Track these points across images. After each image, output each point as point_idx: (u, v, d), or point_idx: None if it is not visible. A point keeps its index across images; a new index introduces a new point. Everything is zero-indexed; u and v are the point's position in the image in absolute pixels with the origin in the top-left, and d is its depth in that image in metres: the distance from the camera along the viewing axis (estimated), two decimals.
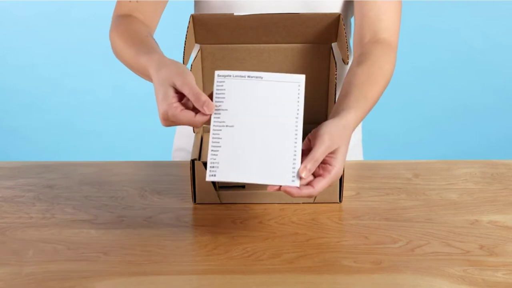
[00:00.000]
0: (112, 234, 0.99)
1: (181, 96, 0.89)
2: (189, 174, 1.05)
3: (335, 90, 1.07)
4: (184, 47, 1.05)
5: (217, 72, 0.92)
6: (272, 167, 0.89)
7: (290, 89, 0.92)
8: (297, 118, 0.91)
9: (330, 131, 0.90)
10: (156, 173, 1.18)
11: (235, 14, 1.08)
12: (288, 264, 0.91)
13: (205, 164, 1.03)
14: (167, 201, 1.08)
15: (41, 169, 1.20)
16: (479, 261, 0.92)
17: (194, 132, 1.14)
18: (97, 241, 0.97)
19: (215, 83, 0.91)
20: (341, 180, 1.05)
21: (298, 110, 0.91)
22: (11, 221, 1.03)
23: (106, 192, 1.11)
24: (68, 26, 3.15)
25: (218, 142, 0.90)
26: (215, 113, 0.91)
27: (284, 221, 1.02)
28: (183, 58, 1.04)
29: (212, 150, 0.90)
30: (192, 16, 1.08)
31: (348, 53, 1.14)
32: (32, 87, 3.16)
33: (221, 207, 1.06)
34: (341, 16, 1.07)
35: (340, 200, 1.07)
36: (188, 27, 1.07)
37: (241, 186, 1.06)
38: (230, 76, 0.92)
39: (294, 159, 0.89)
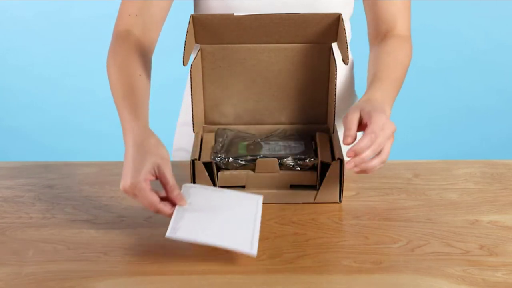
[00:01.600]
0: (112, 234, 0.99)
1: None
2: (189, 174, 1.05)
3: (335, 90, 1.07)
4: (184, 47, 1.05)
5: (184, 185, 1.00)
6: (232, 234, 0.93)
7: (250, 200, 1.00)
8: (257, 207, 0.98)
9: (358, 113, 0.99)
10: None
11: (235, 14, 1.08)
12: (288, 264, 0.91)
13: (205, 164, 1.03)
14: None
15: (41, 169, 1.20)
16: (479, 261, 0.92)
17: (194, 132, 1.14)
18: (97, 241, 0.97)
19: (182, 191, 0.98)
20: (341, 180, 1.05)
21: (257, 206, 0.98)
22: (11, 221, 1.03)
23: (106, 192, 1.11)
24: (68, 26, 3.15)
25: (182, 213, 0.95)
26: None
27: (284, 221, 1.02)
28: (183, 58, 1.04)
29: (175, 215, 0.94)
30: (192, 16, 1.08)
31: (348, 53, 1.14)
32: (32, 87, 3.16)
33: None
34: (341, 16, 1.07)
35: (340, 200, 1.07)
36: (188, 27, 1.07)
37: (241, 186, 1.06)
38: (196, 187, 1.01)
39: (254, 232, 0.93)
